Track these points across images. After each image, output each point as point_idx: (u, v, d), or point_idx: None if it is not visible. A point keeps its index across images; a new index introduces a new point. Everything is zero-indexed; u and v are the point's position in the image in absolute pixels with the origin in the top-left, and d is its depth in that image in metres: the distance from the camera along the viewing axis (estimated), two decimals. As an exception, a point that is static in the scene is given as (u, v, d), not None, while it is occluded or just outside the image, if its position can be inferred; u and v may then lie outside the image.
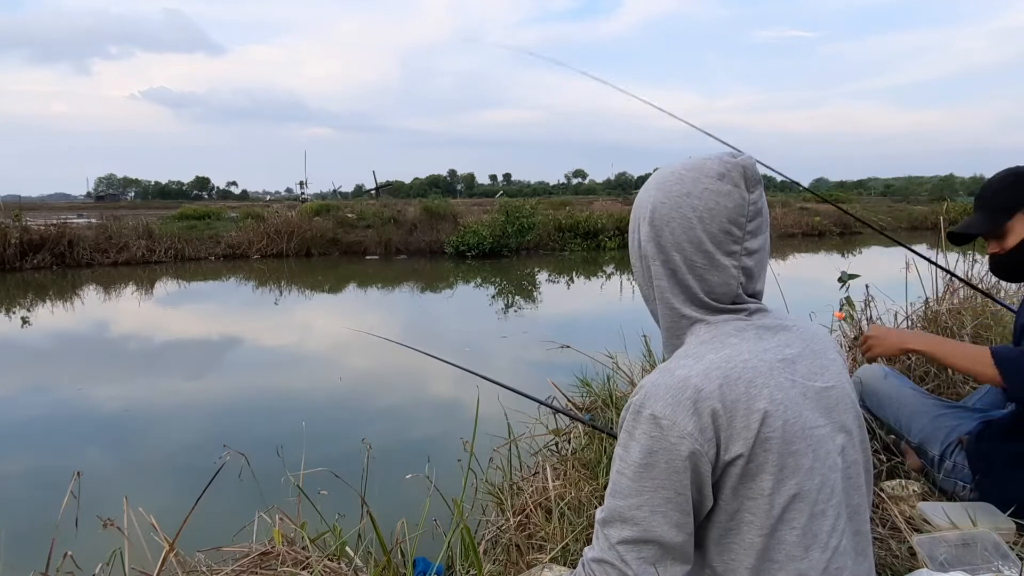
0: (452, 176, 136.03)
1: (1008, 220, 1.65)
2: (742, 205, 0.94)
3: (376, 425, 4.59)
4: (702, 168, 0.96)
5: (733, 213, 0.94)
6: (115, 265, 13.90)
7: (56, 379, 5.94)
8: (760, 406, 0.87)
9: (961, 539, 1.44)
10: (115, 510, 1.68)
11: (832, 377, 0.98)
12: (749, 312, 0.98)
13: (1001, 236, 1.67)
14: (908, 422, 1.89)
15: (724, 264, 0.95)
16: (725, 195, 0.94)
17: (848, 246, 18.42)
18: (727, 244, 0.94)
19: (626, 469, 0.89)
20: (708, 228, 0.94)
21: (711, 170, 0.95)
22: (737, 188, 0.94)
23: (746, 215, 0.94)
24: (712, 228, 0.94)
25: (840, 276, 2.89)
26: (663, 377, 0.90)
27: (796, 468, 0.88)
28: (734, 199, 0.94)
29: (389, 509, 1.91)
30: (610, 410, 2.45)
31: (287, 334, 7.99)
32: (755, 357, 0.91)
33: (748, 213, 0.94)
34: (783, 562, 0.89)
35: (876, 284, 3.06)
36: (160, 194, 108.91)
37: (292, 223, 16.17)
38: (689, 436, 0.86)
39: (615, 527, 0.89)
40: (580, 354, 2.93)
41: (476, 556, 1.61)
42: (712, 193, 0.94)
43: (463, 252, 15.24)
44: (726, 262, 0.95)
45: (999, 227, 1.66)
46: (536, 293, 11.21)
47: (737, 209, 0.94)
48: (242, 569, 1.62)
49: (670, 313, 0.99)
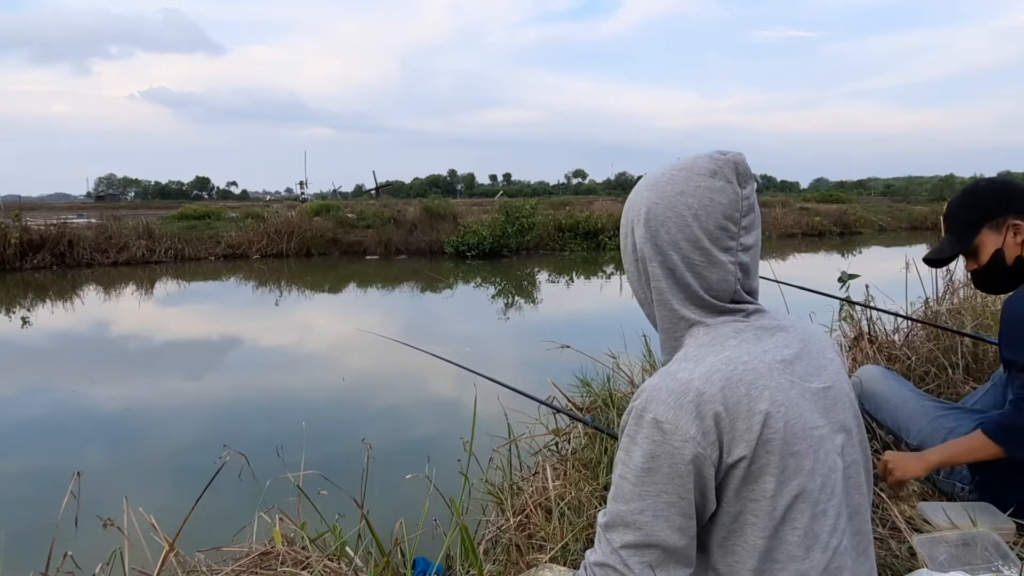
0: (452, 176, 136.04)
1: (975, 236, 1.67)
2: (736, 200, 0.95)
3: (376, 425, 4.59)
4: (693, 167, 0.97)
5: (728, 209, 0.94)
6: (115, 265, 13.89)
7: (56, 379, 5.94)
8: (761, 408, 0.87)
9: (961, 539, 1.44)
10: (115, 510, 1.68)
11: (830, 377, 0.98)
12: (747, 313, 0.98)
13: (974, 253, 1.69)
14: (907, 424, 1.89)
15: (721, 260, 0.95)
16: (719, 191, 0.94)
17: (848, 246, 18.43)
18: (723, 240, 0.95)
19: (628, 473, 0.89)
20: (704, 225, 0.94)
21: (703, 168, 0.96)
22: (730, 184, 0.95)
23: (740, 210, 0.95)
24: (708, 225, 0.94)
25: (840, 276, 2.89)
26: (665, 381, 0.90)
27: (798, 469, 0.88)
28: (728, 195, 0.94)
29: (389, 509, 1.91)
30: (610, 410, 2.45)
31: (287, 334, 7.99)
32: (755, 359, 0.91)
33: (742, 208, 0.95)
34: (785, 562, 0.89)
35: (876, 284, 3.06)
36: (160, 194, 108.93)
37: (292, 223, 16.17)
38: (692, 440, 0.86)
39: (617, 531, 0.89)
40: (580, 354, 2.93)
41: (476, 556, 1.61)
42: (706, 190, 0.95)
43: (463, 252, 15.25)
44: (723, 258, 0.95)
45: (968, 245, 1.69)
46: (536, 293, 11.22)
47: (731, 205, 0.95)
48: (242, 569, 1.62)
49: (668, 315, 0.99)
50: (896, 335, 2.90)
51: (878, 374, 2.05)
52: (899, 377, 2.06)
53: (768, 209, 22.34)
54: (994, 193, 1.68)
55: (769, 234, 19.54)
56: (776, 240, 19.43)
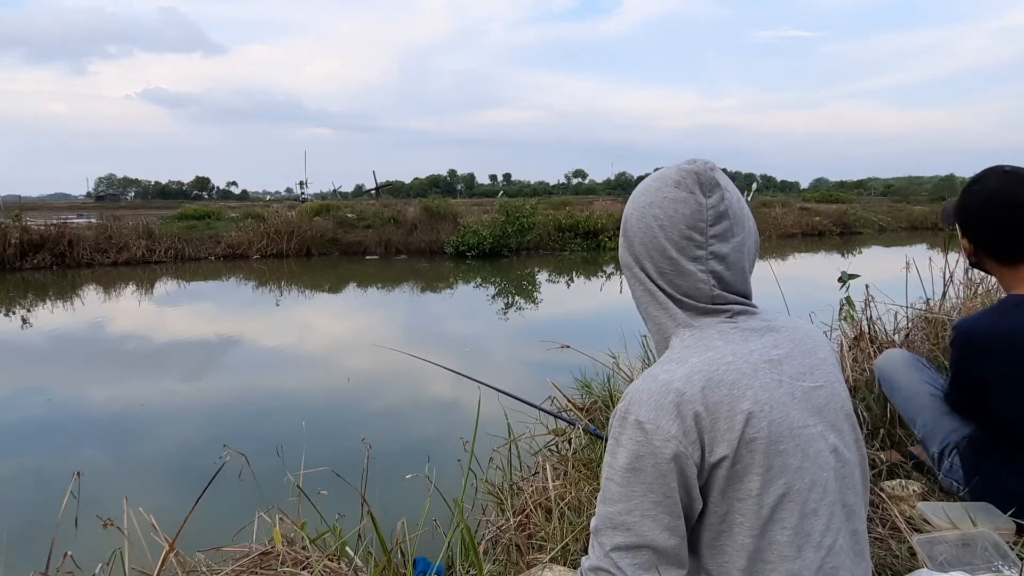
0: (452, 176, 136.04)
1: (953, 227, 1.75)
2: (698, 210, 0.95)
3: (376, 425, 4.59)
4: (663, 178, 0.99)
5: (691, 219, 0.95)
6: (115, 265, 13.90)
7: (56, 379, 5.94)
8: (744, 407, 0.88)
9: (961, 539, 1.44)
10: (115, 510, 1.68)
11: (822, 376, 0.98)
12: (732, 313, 0.98)
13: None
14: (915, 415, 1.92)
15: (689, 270, 0.96)
16: (681, 202, 0.96)
17: (848, 246, 18.43)
18: (690, 250, 0.96)
19: (614, 475, 0.90)
20: (669, 235, 0.96)
21: (669, 179, 0.98)
22: (692, 194, 0.96)
23: (705, 220, 0.95)
24: (673, 235, 0.96)
25: (840, 276, 2.89)
26: (647, 383, 0.92)
27: (784, 468, 0.89)
28: (690, 205, 0.95)
29: (389, 509, 1.91)
30: (610, 411, 2.45)
31: (287, 334, 7.99)
32: (739, 359, 0.92)
33: (707, 218, 0.95)
34: (776, 562, 0.89)
35: (876, 284, 3.06)
36: (160, 194, 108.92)
37: (292, 223, 16.18)
38: (673, 439, 0.87)
39: (607, 534, 0.90)
40: (580, 354, 2.93)
41: (476, 556, 1.61)
42: (670, 200, 0.96)
43: (463, 252, 15.25)
44: (691, 267, 0.96)
45: (950, 226, 1.78)
46: (536, 293, 11.22)
47: (694, 215, 0.95)
48: (242, 569, 1.62)
49: (651, 319, 1.01)
50: (896, 335, 2.90)
51: (899, 359, 2.04)
52: (922, 364, 2.02)
53: (768, 209, 22.33)
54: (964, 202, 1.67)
55: (769, 234, 19.54)
56: (776, 240, 19.43)
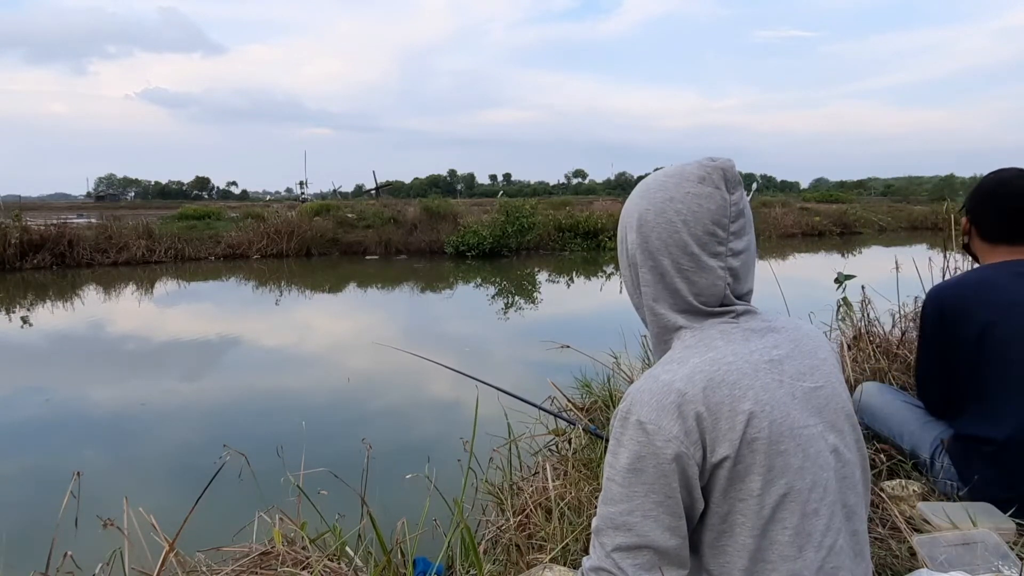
0: (452, 176, 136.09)
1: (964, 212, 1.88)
2: (724, 206, 0.96)
3: (376, 425, 4.59)
4: (683, 173, 0.99)
5: (716, 215, 0.96)
6: (115, 265, 13.89)
7: (56, 379, 5.94)
8: (745, 407, 0.88)
9: (961, 539, 1.44)
10: (115, 510, 1.68)
11: (822, 377, 0.98)
12: (736, 314, 0.98)
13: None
14: (899, 429, 1.99)
15: (711, 265, 0.96)
16: (707, 197, 0.96)
17: (848, 246, 18.42)
18: (712, 245, 0.96)
19: (616, 476, 0.90)
20: (693, 231, 0.96)
21: (692, 175, 0.98)
22: (718, 190, 0.96)
23: (729, 216, 0.96)
24: (696, 231, 0.96)
25: (836, 277, 2.90)
26: (648, 383, 0.92)
27: (785, 468, 0.89)
28: (716, 201, 0.96)
29: (389, 509, 1.91)
30: (610, 411, 2.46)
31: (287, 334, 7.99)
32: (740, 359, 0.92)
33: (731, 214, 0.96)
34: (776, 562, 0.89)
35: (875, 284, 3.06)
36: (160, 194, 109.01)
37: (292, 223, 16.16)
38: (675, 439, 0.87)
39: (608, 535, 0.90)
40: (580, 354, 2.93)
41: (476, 556, 1.61)
42: (694, 196, 0.96)
43: (463, 252, 15.24)
44: (712, 263, 0.96)
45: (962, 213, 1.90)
46: (536, 293, 11.21)
47: (719, 210, 0.96)
48: (242, 569, 1.62)
49: (656, 319, 1.01)
50: (893, 332, 2.90)
51: (874, 389, 2.19)
52: (894, 389, 2.20)
53: (768, 209, 22.33)
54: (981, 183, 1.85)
55: (769, 234, 19.54)
56: (776, 240, 19.42)
